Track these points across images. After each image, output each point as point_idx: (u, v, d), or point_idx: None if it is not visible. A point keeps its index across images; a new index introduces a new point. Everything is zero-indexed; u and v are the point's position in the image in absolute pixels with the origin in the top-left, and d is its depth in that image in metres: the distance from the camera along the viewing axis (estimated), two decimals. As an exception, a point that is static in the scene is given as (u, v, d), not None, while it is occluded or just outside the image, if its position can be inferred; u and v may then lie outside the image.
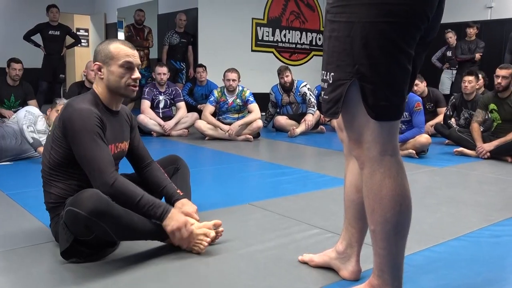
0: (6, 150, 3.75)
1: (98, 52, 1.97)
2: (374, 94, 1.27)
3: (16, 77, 5.36)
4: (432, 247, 2.09)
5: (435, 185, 3.43)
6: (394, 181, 1.36)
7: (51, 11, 7.14)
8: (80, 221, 1.66)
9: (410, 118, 4.55)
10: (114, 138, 2.01)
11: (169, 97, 5.79)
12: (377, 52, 1.25)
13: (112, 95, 1.99)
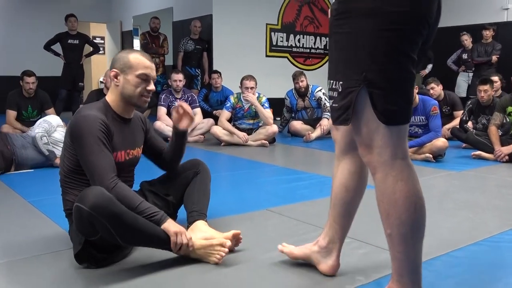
0: (26, 159, 3.82)
1: (117, 60, 2.00)
2: (383, 99, 1.31)
3: (30, 90, 5.37)
4: (451, 252, 2.08)
5: (453, 189, 3.40)
6: (406, 184, 1.38)
7: (70, 21, 7.25)
8: (84, 216, 1.69)
9: (427, 122, 4.52)
10: (125, 145, 2.04)
11: (185, 104, 5.82)
12: (383, 58, 1.30)
13: (125, 103, 2.02)
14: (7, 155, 3.69)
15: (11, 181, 3.43)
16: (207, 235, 1.99)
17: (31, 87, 5.38)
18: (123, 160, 2.03)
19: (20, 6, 10.06)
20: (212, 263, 1.88)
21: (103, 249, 1.85)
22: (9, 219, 2.57)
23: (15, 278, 1.80)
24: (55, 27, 8.00)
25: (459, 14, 8.82)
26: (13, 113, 5.36)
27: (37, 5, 10.22)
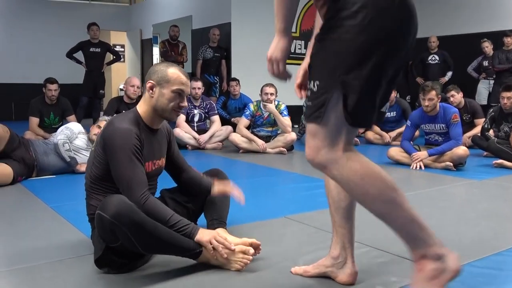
0: (48, 165, 3.89)
1: (155, 72, 2.01)
2: (354, 102, 1.38)
3: (52, 97, 5.48)
4: (473, 262, 2.05)
5: (474, 198, 3.37)
6: (359, 163, 1.46)
7: (92, 29, 7.37)
8: (105, 224, 1.72)
9: (447, 130, 4.48)
10: (152, 155, 2.06)
11: (203, 111, 5.87)
12: (360, 66, 1.37)
13: (156, 115, 2.03)
14: (29, 161, 3.76)
15: (33, 187, 3.49)
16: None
17: (53, 94, 5.48)
18: (150, 171, 2.05)
19: (42, 15, 10.28)
20: (233, 270, 1.89)
21: (124, 255, 1.87)
22: (32, 224, 2.61)
23: (39, 282, 1.83)
24: (77, 35, 8.15)
25: (479, 21, 8.73)
26: (35, 120, 5.47)
27: (59, 13, 10.43)
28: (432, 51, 8.08)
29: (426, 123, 4.65)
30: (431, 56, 8.07)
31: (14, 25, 10.01)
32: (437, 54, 8.04)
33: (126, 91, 5.53)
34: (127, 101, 5.48)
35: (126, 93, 5.52)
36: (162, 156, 2.16)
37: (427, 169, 4.41)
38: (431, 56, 8.07)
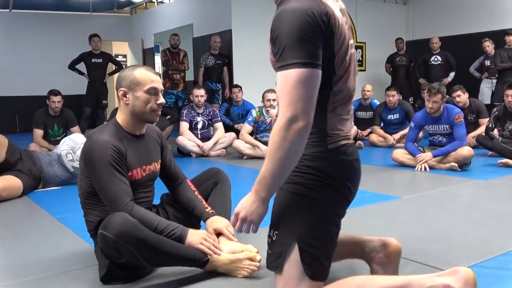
0: (53, 177, 3.91)
1: (123, 78, 1.98)
2: (310, 255, 1.45)
3: (56, 109, 5.51)
4: (481, 263, 2.05)
5: (480, 198, 3.36)
6: None
7: (93, 40, 7.41)
8: (109, 243, 1.71)
9: (451, 130, 4.48)
10: (141, 161, 2.04)
11: (206, 118, 5.89)
12: (315, 226, 1.47)
13: (136, 120, 2.01)
14: (36, 173, 3.78)
15: (39, 199, 3.51)
16: (233, 248, 1.98)
17: (57, 106, 5.51)
18: (140, 177, 2.03)
19: (43, 27, 10.35)
20: (240, 276, 1.89)
21: (129, 268, 1.87)
22: (39, 235, 2.63)
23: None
24: (79, 47, 8.19)
25: (480, 21, 8.74)
26: (40, 132, 5.49)
27: (60, 25, 10.49)
28: (434, 52, 8.08)
29: (429, 124, 4.65)
30: (433, 57, 8.08)
31: (16, 38, 10.08)
32: (440, 55, 8.04)
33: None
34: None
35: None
36: (153, 161, 2.12)
37: (432, 171, 4.40)
38: (434, 57, 8.07)
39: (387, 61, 8.79)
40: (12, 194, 3.50)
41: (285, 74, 1.38)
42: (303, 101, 1.36)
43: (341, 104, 1.53)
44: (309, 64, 1.36)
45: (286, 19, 1.39)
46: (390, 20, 9.96)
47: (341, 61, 1.48)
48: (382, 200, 3.22)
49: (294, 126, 1.35)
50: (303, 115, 1.36)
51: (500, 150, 4.73)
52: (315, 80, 1.38)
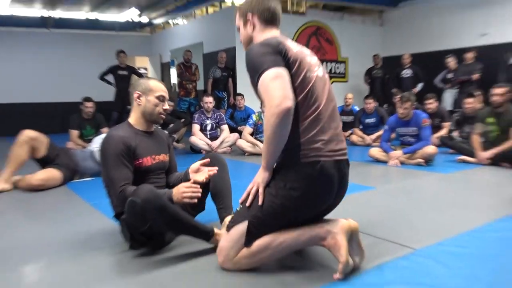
0: (87, 169, 3.93)
1: (139, 84, 2.10)
2: (251, 234, 1.65)
3: (89, 113, 5.53)
4: (442, 241, 2.08)
5: (443, 189, 3.37)
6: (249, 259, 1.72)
7: (120, 56, 7.43)
8: (137, 208, 1.75)
9: (419, 132, 4.51)
10: (150, 151, 2.09)
11: (214, 121, 5.91)
12: (267, 212, 1.63)
13: (144, 120, 2.10)
14: (72, 166, 3.81)
15: (76, 188, 3.55)
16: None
17: (90, 110, 5.53)
18: (150, 164, 2.08)
19: (78, 43, 10.37)
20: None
21: (149, 237, 1.92)
22: (75, 219, 2.66)
23: (83, 265, 1.87)
24: (107, 61, 8.19)
25: (444, 40, 8.76)
26: (75, 132, 5.51)
27: (91, 42, 10.51)
28: (405, 67, 8.10)
29: (401, 127, 4.68)
30: (404, 70, 8.09)
31: (54, 54, 10.10)
32: (410, 69, 8.06)
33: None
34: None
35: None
36: (162, 152, 2.17)
37: (403, 166, 4.43)
38: (405, 71, 8.09)
39: (366, 74, 8.81)
40: (54, 183, 3.54)
41: (260, 81, 1.54)
42: (278, 91, 1.49)
43: (312, 122, 1.61)
44: (273, 66, 1.53)
45: (251, 52, 1.60)
46: (369, 39, 9.98)
47: (300, 83, 1.61)
48: (360, 190, 3.25)
49: (276, 113, 1.47)
50: (281, 103, 1.47)
51: (459, 149, 4.76)
52: (282, 74, 1.53)
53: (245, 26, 1.80)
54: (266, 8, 1.76)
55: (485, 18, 8.16)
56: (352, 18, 9.87)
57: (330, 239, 1.64)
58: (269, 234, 1.65)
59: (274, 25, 1.79)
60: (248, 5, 1.78)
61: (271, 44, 1.60)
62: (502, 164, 4.26)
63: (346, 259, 1.61)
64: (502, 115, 4.35)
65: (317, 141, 1.61)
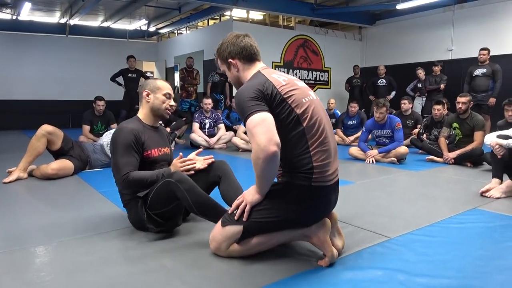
0: (97, 161, 3.86)
1: (148, 84, 2.08)
2: (244, 235, 1.61)
3: (100, 110, 5.44)
4: (413, 231, 2.06)
5: (413, 184, 3.36)
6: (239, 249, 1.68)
7: (130, 60, 7.32)
8: (170, 187, 1.76)
9: (392, 134, 4.50)
10: (156, 144, 2.06)
11: (212, 120, 5.85)
12: (261, 221, 1.58)
13: (152, 115, 2.07)
14: (84, 158, 3.73)
15: (87, 177, 3.47)
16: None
17: (101, 108, 5.44)
18: (157, 155, 2.05)
19: (91, 48, 10.23)
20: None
21: (164, 218, 1.90)
22: (86, 205, 2.60)
23: (92, 248, 1.81)
24: (118, 64, 8.10)
25: (415, 54, 8.79)
26: (87, 127, 5.42)
27: (104, 48, 10.38)
28: (380, 76, 8.11)
29: (377, 129, 4.67)
30: (380, 80, 8.10)
31: (70, 57, 9.95)
32: (384, 79, 8.07)
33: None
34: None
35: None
36: (166, 146, 2.13)
37: (378, 163, 4.42)
38: (380, 80, 8.10)
39: (346, 82, 8.80)
40: (66, 173, 3.46)
41: (246, 125, 1.47)
42: (263, 135, 1.41)
43: (320, 145, 1.56)
44: (256, 111, 1.45)
45: (238, 96, 1.53)
46: (349, 52, 9.98)
47: (304, 111, 1.54)
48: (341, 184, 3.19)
49: (262, 157, 1.41)
50: (266, 147, 1.40)
51: (428, 149, 4.76)
52: (265, 119, 1.45)
53: (229, 70, 1.71)
54: (242, 48, 1.65)
55: (451, 36, 8.21)
56: (335, 33, 9.86)
57: (314, 237, 1.62)
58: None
59: (256, 59, 1.68)
60: (225, 51, 1.68)
61: (255, 86, 1.51)
62: (465, 163, 4.27)
63: (331, 253, 1.59)
64: (465, 121, 4.36)
65: (326, 164, 1.55)
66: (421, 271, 1.58)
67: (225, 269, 1.58)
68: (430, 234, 2.02)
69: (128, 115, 7.38)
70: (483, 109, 6.14)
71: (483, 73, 6.28)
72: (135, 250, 1.78)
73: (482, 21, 7.68)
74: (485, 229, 2.12)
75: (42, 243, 1.87)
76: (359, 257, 1.71)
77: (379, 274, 1.54)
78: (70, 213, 2.40)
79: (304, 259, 1.67)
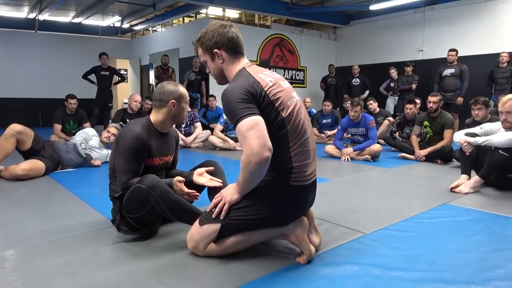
0: (69, 161, 3.75)
1: (171, 92, 1.94)
2: (222, 233, 1.60)
3: (72, 109, 5.27)
4: (388, 226, 2.11)
5: (386, 181, 3.43)
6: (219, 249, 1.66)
7: (102, 57, 7.13)
8: (142, 193, 1.71)
9: (367, 132, 4.59)
10: (160, 152, 1.99)
11: (189, 119, 5.80)
12: (238, 220, 1.58)
13: (171, 122, 1.99)
14: (55, 158, 3.61)
15: (59, 178, 3.36)
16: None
17: (73, 107, 5.28)
18: (157, 164, 1.99)
19: (63, 45, 9.92)
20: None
21: (140, 224, 1.86)
22: (58, 206, 2.51)
23: (65, 250, 1.76)
24: (90, 62, 7.88)
25: (388, 54, 9.01)
26: (58, 126, 5.25)
27: (75, 44, 10.08)
28: (355, 76, 8.26)
29: (352, 127, 4.75)
30: (354, 79, 8.25)
31: (40, 54, 9.60)
32: (358, 78, 8.22)
33: (129, 105, 5.39)
34: (130, 112, 5.35)
35: (129, 106, 5.38)
36: (169, 154, 2.08)
37: (353, 161, 4.50)
38: (354, 79, 8.25)
39: (322, 81, 8.91)
40: (37, 173, 3.34)
41: (237, 129, 1.44)
42: (256, 140, 1.40)
43: (301, 146, 1.56)
44: (248, 115, 1.42)
45: (226, 96, 1.49)
46: (324, 51, 10.11)
47: (289, 114, 1.53)
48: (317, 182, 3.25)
49: (255, 161, 1.40)
50: (259, 152, 1.39)
51: (400, 147, 4.89)
52: (257, 123, 1.42)
53: (213, 60, 1.64)
54: (230, 39, 1.59)
55: (422, 37, 8.45)
56: (310, 32, 9.96)
57: (292, 235, 1.63)
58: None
59: (241, 53, 1.64)
60: (209, 41, 1.60)
61: (244, 86, 1.48)
62: (435, 160, 4.41)
63: (309, 251, 1.61)
64: (436, 119, 4.50)
65: (305, 165, 1.56)
66: (395, 265, 1.62)
67: (204, 268, 1.57)
68: (404, 229, 2.07)
69: (102, 113, 7.21)
70: (452, 108, 6.37)
71: (452, 73, 6.51)
72: (110, 252, 1.74)
73: (451, 23, 7.96)
74: (454, 223, 2.20)
75: (12, 246, 1.80)
76: (336, 253, 1.73)
77: (355, 269, 1.58)
78: (42, 215, 2.32)
79: (282, 256, 1.68)
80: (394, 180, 3.46)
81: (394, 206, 2.54)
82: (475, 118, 3.86)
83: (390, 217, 2.29)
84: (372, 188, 3.09)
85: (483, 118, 3.80)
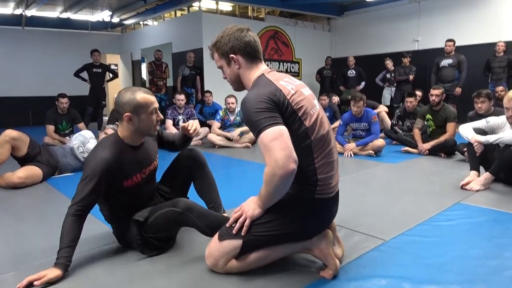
0: (67, 165, 3.61)
1: (126, 103, 1.67)
2: (243, 250, 1.52)
3: (64, 108, 5.09)
4: (406, 232, 2.04)
5: (394, 178, 3.36)
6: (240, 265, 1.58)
7: (94, 54, 6.93)
8: (175, 216, 1.66)
9: (369, 127, 4.52)
10: (139, 167, 1.78)
11: (186, 116, 5.66)
12: (265, 239, 1.50)
13: (139, 136, 1.76)
14: (52, 163, 3.47)
15: (56, 184, 3.23)
16: None
17: (64, 106, 5.10)
18: (140, 180, 1.79)
19: (51, 41, 9.64)
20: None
21: (162, 240, 1.79)
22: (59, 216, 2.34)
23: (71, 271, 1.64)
24: (80, 58, 7.67)
25: (384, 45, 8.92)
26: (51, 127, 5.07)
27: (64, 40, 9.81)
28: (350, 67, 8.16)
29: (354, 122, 4.67)
30: (349, 70, 8.16)
31: (28, 50, 9.31)
32: (354, 69, 8.13)
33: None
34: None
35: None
36: (152, 161, 1.87)
37: (356, 156, 4.43)
38: (350, 71, 8.16)
39: (317, 73, 8.81)
40: (34, 181, 3.20)
41: (260, 140, 1.34)
42: (281, 151, 1.30)
43: (325, 157, 1.48)
44: (271, 125, 1.33)
45: (247, 105, 1.38)
46: (319, 43, 9.99)
47: (313, 123, 1.45)
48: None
49: (280, 174, 1.31)
50: (285, 164, 1.30)
51: (403, 141, 4.83)
52: (281, 133, 1.33)
53: (229, 66, 1.55)
54: (247, 43, 1.51)
55: (417, 27, 8.38)
56: (304, 24, 9.81)
57: (316, 249, 1.55)
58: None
59: (259, 58, 1.55)
60: (226, 45, 1.52)
61: (266, 94, 1.38)
62: (438, 154, 4.36)
63: (335, 266, 1.53)
64: (438, 112, 4.44)
65: (330, 176, 1.48)
66: (423, 277, 1.55)
67: (224, 287, 1.48)
68: (422, 234, 2.00)
69: (95, 112, 7.03)
70: (450, 99, 6.32)
71: (450, 64, 6.46)
72: (123, 270, 1.64)
73: (447, 12, 7.88)
74: (473, 225, 2.14)
75: (13, 268, 1.69)
76: (360, 265, 1.66)
77: (383, 283, 1.50)
78: (42, 228, 2.20)
79: (304, 271, 1.60)
80: (401, 176, 3.40)
81: (407, 207, 2.47)
82: (479, 111, 3.80)
83: (406, 220, 2.22)
84: (381, 187, 3.02)
85: (487, 111, 3.75)
